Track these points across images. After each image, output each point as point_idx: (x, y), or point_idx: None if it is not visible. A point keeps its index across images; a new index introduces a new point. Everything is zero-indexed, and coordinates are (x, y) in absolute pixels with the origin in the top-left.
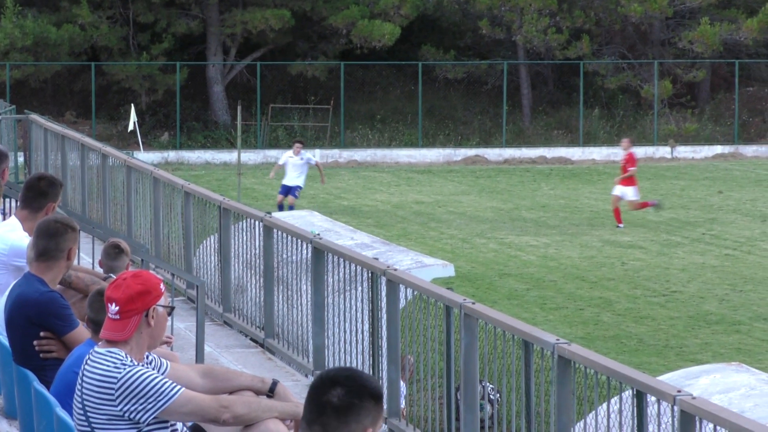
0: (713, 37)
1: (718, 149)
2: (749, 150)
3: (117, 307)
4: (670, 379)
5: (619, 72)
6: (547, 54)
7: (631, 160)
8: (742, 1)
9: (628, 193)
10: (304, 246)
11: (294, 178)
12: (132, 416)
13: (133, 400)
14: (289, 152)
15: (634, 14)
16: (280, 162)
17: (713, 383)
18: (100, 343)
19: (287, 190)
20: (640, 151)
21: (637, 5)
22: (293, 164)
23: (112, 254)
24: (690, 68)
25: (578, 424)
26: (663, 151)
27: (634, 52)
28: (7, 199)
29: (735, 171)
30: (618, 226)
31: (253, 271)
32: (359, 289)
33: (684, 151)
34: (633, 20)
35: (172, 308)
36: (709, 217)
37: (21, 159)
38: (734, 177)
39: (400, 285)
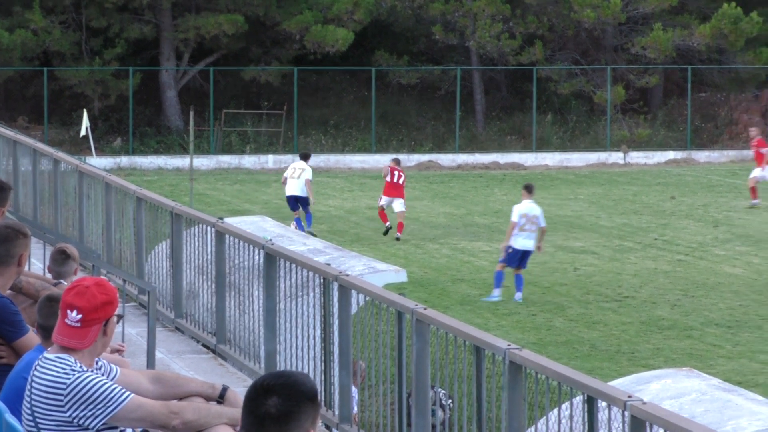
0: (666, 42)
1: (671, 155)
2: (702, 155)
3: (80, 315)
4: (621, 384)
5: (572, 78)
6: (501, 59)
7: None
8: (695, 6)
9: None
10: (256, 251)
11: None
12: (81, 422)
13: (82, 406)
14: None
15: (587, 20)
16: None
17: (664, 388)
18: (50, 348)
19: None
20: (592, 157)
21: (590, 11)
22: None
23: (59, 260)
24: (643, 74)
25: (529, 429)
26: (616, 157)
27: (587, 57)
28: None
29: (687, 176)
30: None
31: (205, 277)
32: (311, 294)
33: (636, 157)
34: (586, 26)
35: (121, 316)
36: (662, 223)
37: None
38: (687, 182)
39: (353, 290)
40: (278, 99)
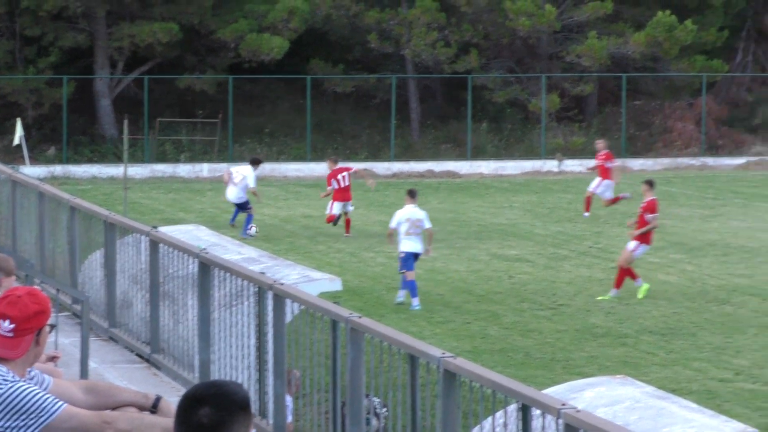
0: (601, 51)
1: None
2: (636, 163)
3: (12, 325)
4: (555, 392)
5: (507, 86)
6: (436, 68)
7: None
8: (630, 15)
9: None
10: (191, 261)
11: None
12: None
13: (14, 417)
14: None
15: (522, 28)
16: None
17: (598, 396)
18: None
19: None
20: (527, 165)
21: (525, 19)
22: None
23: None
24: (578, 82)
25: None
26: (550, 165)
27: (522, 65)
28: None
29: (622, 184)
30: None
31: (139, 286)
32: (246, 303)
33: (571, 165)
34: (521, 34)
35: (54, 326)
36: (596, 231)
37: None
38: (621, 190)
39: (287, 299)
40: (213, 107)
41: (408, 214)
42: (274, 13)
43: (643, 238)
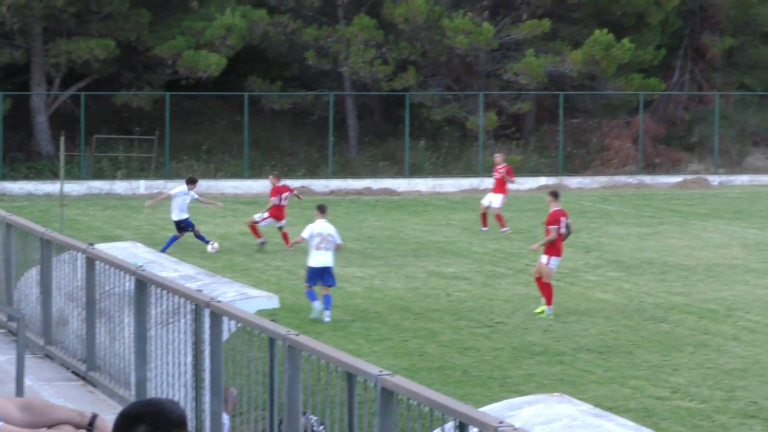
0: (538, 69)
1: (543, 180)
2: (573, 181)
3: None
4: (493, 410)
5: (445, 103)
6: (374, 85)
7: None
8: (567, 33)
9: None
10: (127, 278)
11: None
12: None
13: None
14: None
15: (460, 46)
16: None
17: (536, 414)
18: None
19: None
20: (465, 183)
21: (463, 37)
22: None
23: None
24: (515, 100)
25: None
26: (488, 183)
27: (459, 83)
28: None
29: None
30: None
31: (75, 303)
32: (183, 321)
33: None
34: (459, 52)
35: None
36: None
37: None
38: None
39: (224, 317)
40: (150, 124)
41: (319, 228)
42: (211, 30)
43: (552, 249)
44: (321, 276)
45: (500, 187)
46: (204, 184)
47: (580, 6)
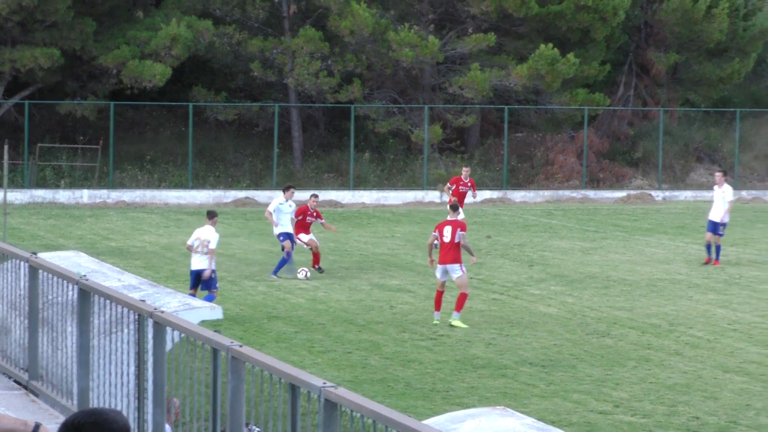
0: (483, 83)
1: (487, 194)
2: (517, 195)
3: None
4: (435, 422)
5: (389, 116)
6: (319, 97)
7: None
8: (513, 47)
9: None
10: (70, 287)
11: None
12: None
13: None
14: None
15: (406, 59)
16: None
17: (478, 427)
18: None
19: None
20: (409, 195)
21: (409, 50)
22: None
23: None
24: (460, 113)
25: None
26: (432, 196)
27: (405, 96)
28: None
29: (503, 216)
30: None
31: (17, 312)
32: (126, 331)
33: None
34: (404, 65)
35: None
36: (477, 262)
37: None
38: (502, 222)
39: (168, 327)
40: (94, 133)
41: (199, 233)
42: (156, 40)
43: (458, 258)
44: (196, 280)
45: (462, 200)
46: (148, 194)
47: (526, 21)
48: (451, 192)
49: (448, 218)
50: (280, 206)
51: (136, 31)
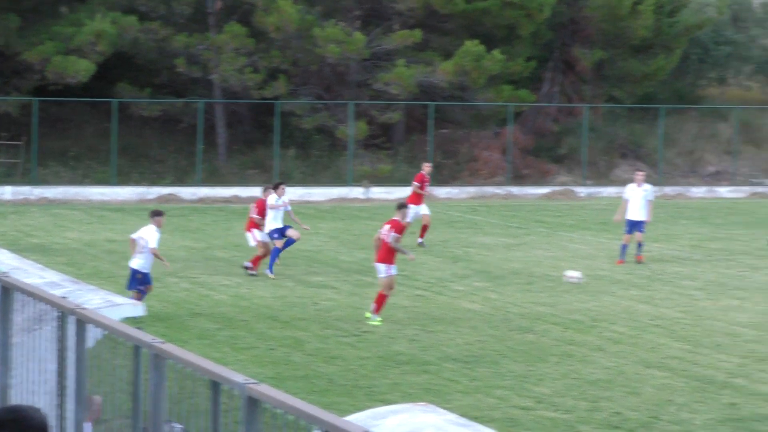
0: (409, 79)
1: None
2: (442, 192)
3: None
4: (358, 419)
5: (315, 112)
6: (244, 93)
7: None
8: (439, 44)
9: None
10: None
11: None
12: None
13: None
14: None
15: (331, 55)
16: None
17: (401, 423)
18: None
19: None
20: (334, 192)
21: (334, 46)
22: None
23: None
24: (385, 110)
25: None
26: (357, 192)
27: (330, 92)
28: None
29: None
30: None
31: None
32: (47, 328)
33: (378, 192)
34: (330, 61)
35: None
36: (401, 258)
37: None
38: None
39: (89, 324)
40: (17, 129)
41: (141, 232)
42: (80, 35)
43: (387, 258)
44: (133, 276)
45: (419, 198)
46: (71, 190)
47: (452, 17)
48: (419, 189)
49: (394, 217)
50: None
51: (60, 26)
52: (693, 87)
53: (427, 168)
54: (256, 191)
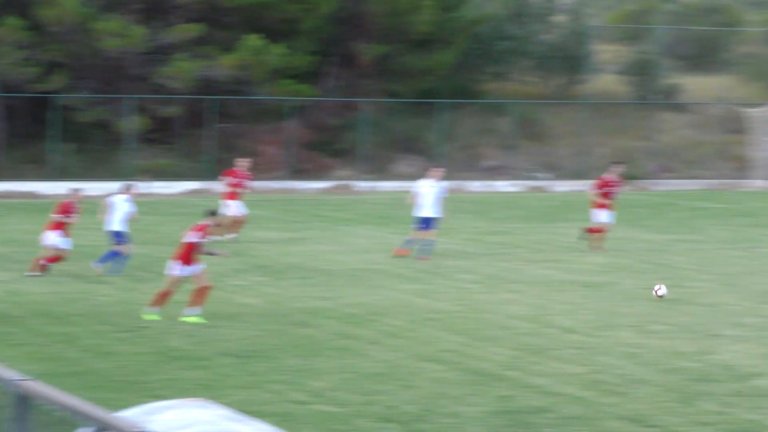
0: (189, 73)
1: (191, 185)
2: (221, 186)
3: None
4: (131, 415)
5: (93, 106)
6: (22, 87)
7: None
8: (220, 38)
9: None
10: None
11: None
12: None
13: None
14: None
15: (110, 49)
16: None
17: (174, 418)
18: None
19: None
20: (113, 186)
21: (114, 39)
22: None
23: None
24: (165, 104)
25: None
26: (137, 186)
27: (110, 86)
28: None
29: (206, 206)
30: None
31: None
32: None
33: (158, 187)
34: (109, 55)
35: None
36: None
37: None
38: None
39: None
40: None
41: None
42: None
43: (185, 258)
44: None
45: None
46: None
47: (234, 11)
48: (235, 186)
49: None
50: (115, 202)
51: None
52: (473, 82)
53: (245, 163)
54: (31, 186)
